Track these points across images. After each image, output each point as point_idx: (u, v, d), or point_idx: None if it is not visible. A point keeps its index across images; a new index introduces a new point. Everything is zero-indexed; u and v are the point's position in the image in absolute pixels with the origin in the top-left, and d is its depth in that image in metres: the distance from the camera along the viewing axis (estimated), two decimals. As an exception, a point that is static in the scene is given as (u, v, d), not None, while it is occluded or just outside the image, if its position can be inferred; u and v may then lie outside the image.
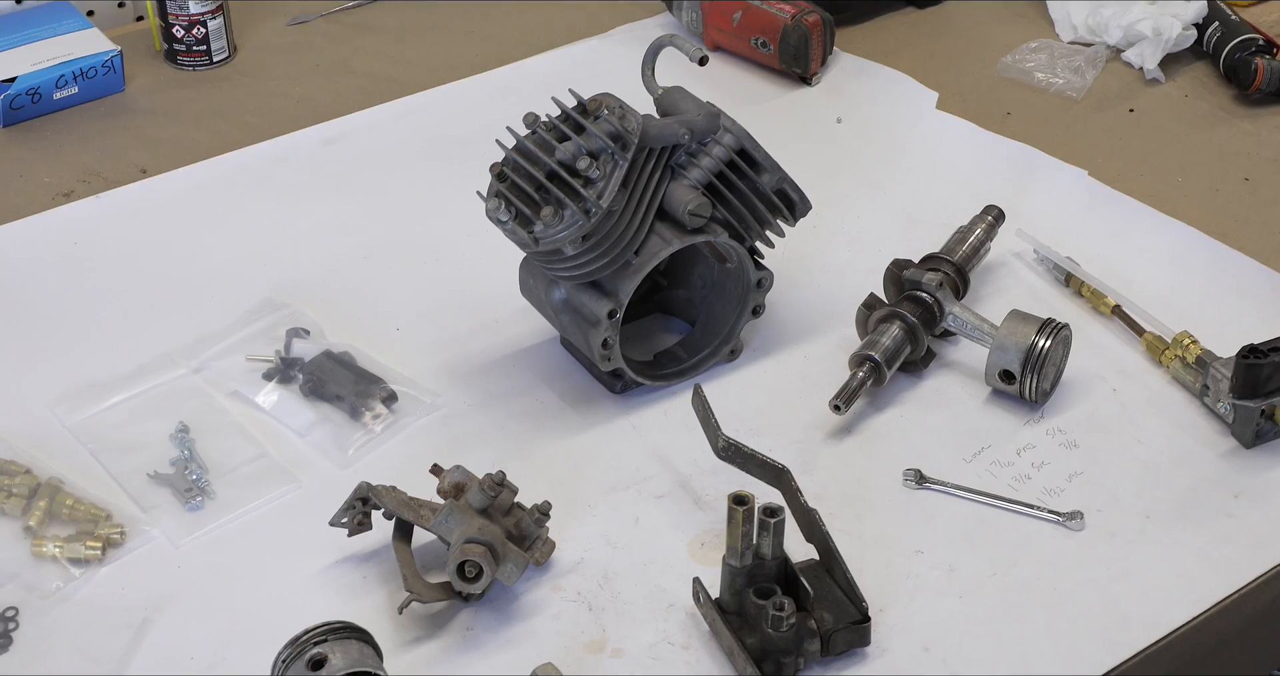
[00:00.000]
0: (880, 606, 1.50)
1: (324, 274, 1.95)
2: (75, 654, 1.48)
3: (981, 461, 1.68)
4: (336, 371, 1.77)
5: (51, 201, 2.06)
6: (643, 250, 1.69)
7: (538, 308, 1.80)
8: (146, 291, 1.92)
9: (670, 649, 1.48)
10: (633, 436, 1.72)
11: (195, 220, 2.04)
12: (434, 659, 1.48)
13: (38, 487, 1.63)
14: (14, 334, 1.86)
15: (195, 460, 1.67)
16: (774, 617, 1.41)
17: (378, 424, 1.73)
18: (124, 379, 1.78)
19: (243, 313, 1.87)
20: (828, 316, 1.87)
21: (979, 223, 1.91)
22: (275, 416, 1.75)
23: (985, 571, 1.55)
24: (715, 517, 1.61)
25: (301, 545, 1.59)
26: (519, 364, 1.82)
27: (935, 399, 1.76)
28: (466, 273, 1.95)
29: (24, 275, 1.95)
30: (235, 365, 1.80)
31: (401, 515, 1.55)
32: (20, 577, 1.55)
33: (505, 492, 1.54)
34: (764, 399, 1.77)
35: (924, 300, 1.78)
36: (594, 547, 1.59)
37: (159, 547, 1.60)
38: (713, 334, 1.82)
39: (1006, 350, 1.72)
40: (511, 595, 1.54)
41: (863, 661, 1.46)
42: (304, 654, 1.39)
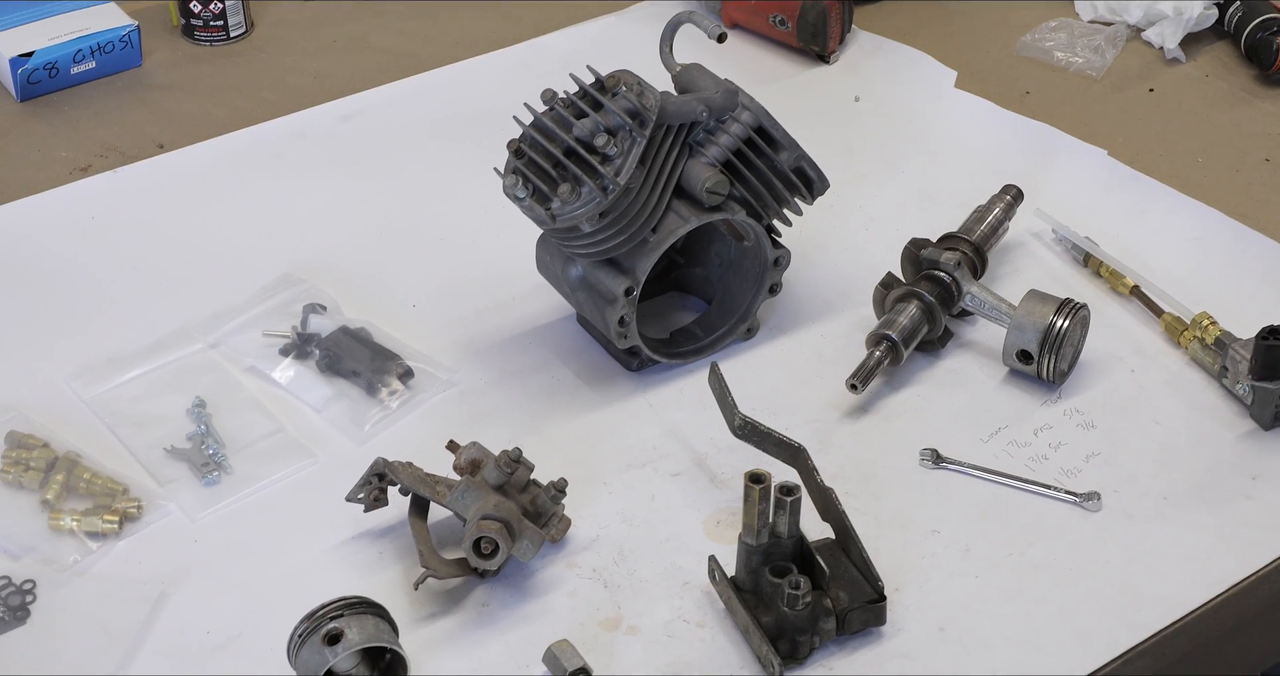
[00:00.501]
0: (896, 586, 1.50)
1: (341, 250, 1.95)
2: (92, 626, 1.49)
3: (998, 441, 1.67)
4: (353, 347, 1.77)
5: (69, 176, 2.06)
6: (660, 228, 1.69)
7: (554, 285, 1.79)
8: (163, 266, 1.93)
9: (685, 627, 1.48)
10: (649, 414, 1.72)
11: (212, 195, 2.04)
12: (449, 634, 1.48)
13: (55, 461, 1.63)
14: (31, 308, 1.87)
15: (212, 435, 1.68)
16: (790, 596, 1.41)
17: (394, 400, 1.73)
18: (141, 353, 1.78)
19: (259, 288, 1.87)
20: (845, 295, 1.87)
21: (997, 202, 1.90)
22: (292, 392, 1.75)
23: (1001, 551, 1.55)
24: (731, 496, 1.61)
25: (318, 520, 1.59)
26: (535, 341, 1.82)
27: (952, 378, 1.76)
28: (483, 249, 1.94)
29: (41, 249, 1.95)
30: (252, 340, 1.80)
31: (418, 491, 1.55)
32: (38, 550, 1.56)
33: (521, 469, 1.54)
34: (780, 377, 1.77)
35: (942, 279, 1.77)
36: (610, 525, 1.59)
37: (176, 521, 1.60)
38: (729, 312, 1.82)
39: (1024, 330, 1.71)
40: (527, 572, 1.54)
41: (878, 640, 1.46)
42: (320, 628, 1.39)
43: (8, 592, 1.51)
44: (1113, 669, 1.44)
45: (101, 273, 1.92)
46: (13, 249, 1.95)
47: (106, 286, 1.90)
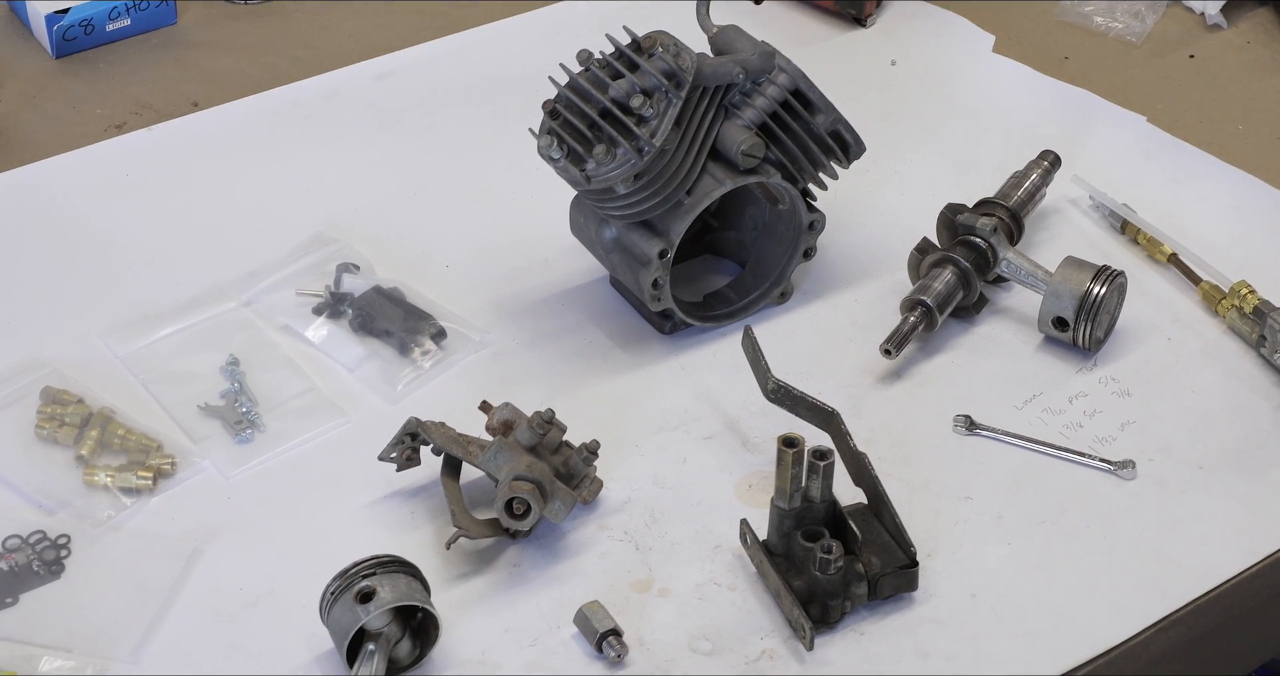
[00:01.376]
0: (928, 551, 1.50)
1: (374, 210, 1.94)
2: (125, 582, 1.49)
3: (1033, 408, 1.67)
4: (386, 307, 1.77)
5: (103, 133, 2.06)
6: (695, 190, 1.68)
7: (588, 246, 1.79)
8: (197, 224, 1.93)
9: (716, 590, 1.48)
10: (681, 377, 1.72)
11: (246, 154, 2.04)
12: (481, 594, 1.48)
13: (90, 417, 1.64)
14: (66, 264, 1.87)
15: (245, 393, 1.68)
16: (821, 560, 1.41)
17: (426, 360, 1.73)
18: (175, 311, 1.79)
19: (293, 247, 1.87)
20: (879, 260, 1.86)
21: (1034, 168, 1.89)
22: (324, 351, 1.75)
23: (1034, 519, 1.54)
24: (763, 459, 1.61)
25: (350, 479, 1.59)
26: (568, 303, 1.81)
27: (987, 345, 1.75)
28: (517, 210, 1.94)
29: (76, 206, 1.95)
30: (285, 299, 1.80)
31: (450, 451, 1.55)
32: (72, 506, 1.56)
33: (554, 431, 1.54)
34: (814, 342, 1.76)
35: (978, 245, 1.76)
36: (641, 487, 1.59)
37: (209, 479, 1.61)
38: (763, 276, 1.81)
39: (1060, 297, 1.70)
40: (558, 533, 1.54)
41: (910, 606, 1.46)
42: (352, 586, 1.40)
43: (42, 547, 1.52)
44: (1146, 637, 1.44)
45: (136, 230, 1.92)
46: (48, 205, 1.96)
47: (141, 244, 1.90)
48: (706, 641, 1.43)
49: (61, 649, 1.43)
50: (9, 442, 1.62)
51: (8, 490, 1.58)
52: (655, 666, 1.41)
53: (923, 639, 1.43)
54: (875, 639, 1.43)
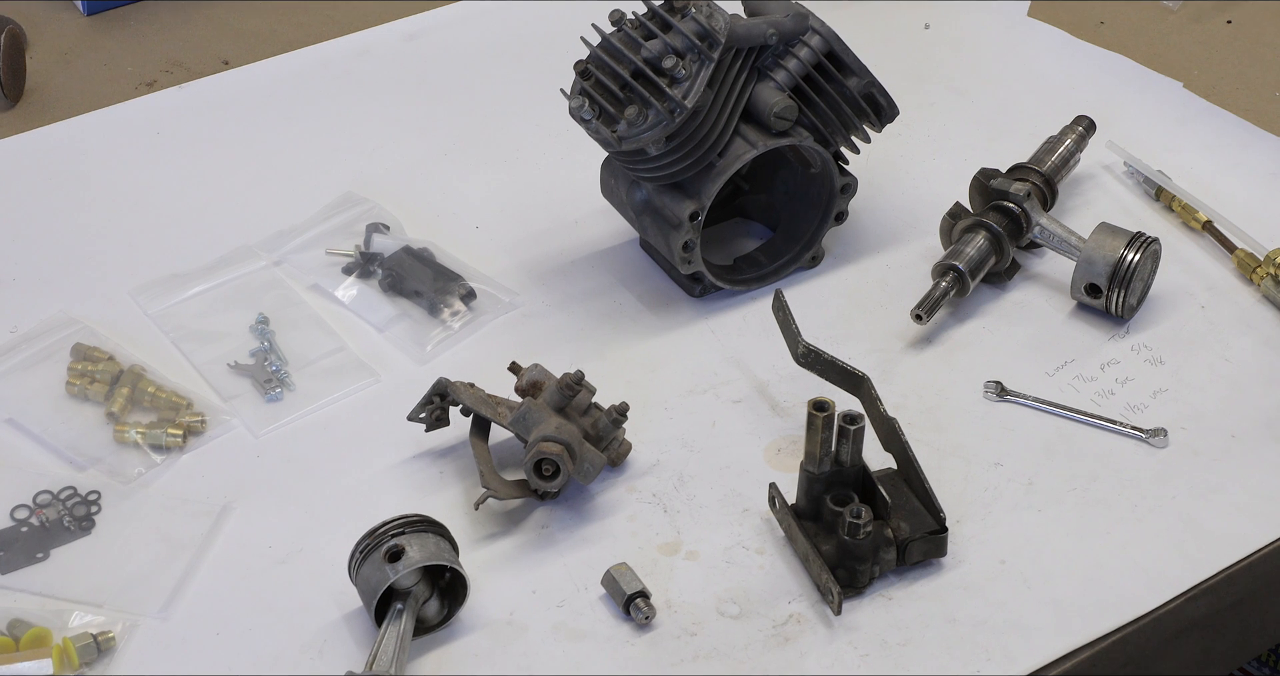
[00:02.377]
0: (957, 517, 1.49)
1: (404, 170, 1.94)
2: (155, 538, 1.50)
3: (1064, 375, 1.66)
4: (416, 267, 1.77)
5: (134, 91, 2.06)
6: (727, 152, 1.67)
7: (618, 208, 1.78)
8: (227, 183, 1.93)
9: (745, 553, 1.48)
10: (711, 340, 1.71)
11: (276, 113, 2.04)
12: (509, 555, 1.48)
13: (120, 374, 1.64)
14: (97, 222, 1.87)
15: (275, 351, 1.68)
16: (851, 525, 1.41)
17: (456, 321, 1.73)
18: (205, 269, 1.79)
19: (323, 206, 1.87)
20: (911, 225, 1.84)
21: (1069, 133, 1.87)
22: (354, 310, 1.75)
23: (1065, 486, 1.54)
24: (793, 424, 1.61)
25: (379, 438, 1.60)
26: (598, 265, 1.81)
27: (1018, 311, 1.74)
28: (547, 172, 1.93)
29: (107, 164, 1.96)
30: (315, 258, 1.80)
31: (479, 411, 1.55)
32: (103, 462, 1.57)
33: (583, 392, 1.54)
34: (844, 306, 1.75)
35: (1011, 210, 1.75)
36: (670, 450, 1.58)
37: (238, 437, 1.61)
38: (794, 239, 1.80)
39: (1094, 263, 1.69)
40: (587, 495, 1.54)
41: (939, 572, 1.45)
42: (381, 545, 1.40)
43: (73, 503, 1.53)
44: (1175, 606, 1.43)
45: (166, 188, 1.92)
46: (79, 162, 1.96)
47: (171, 202, 1.90)
48: (734, 604, 1.43)
49: (91, 604, 1.44)
50: (40, 399, 1.63)
51: (39, 446, 1.59)
52: (683, 629, 1.41)
53: (951, 604, 1.43)
54: (903, 604, 1.43)
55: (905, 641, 1.40)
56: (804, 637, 1.40)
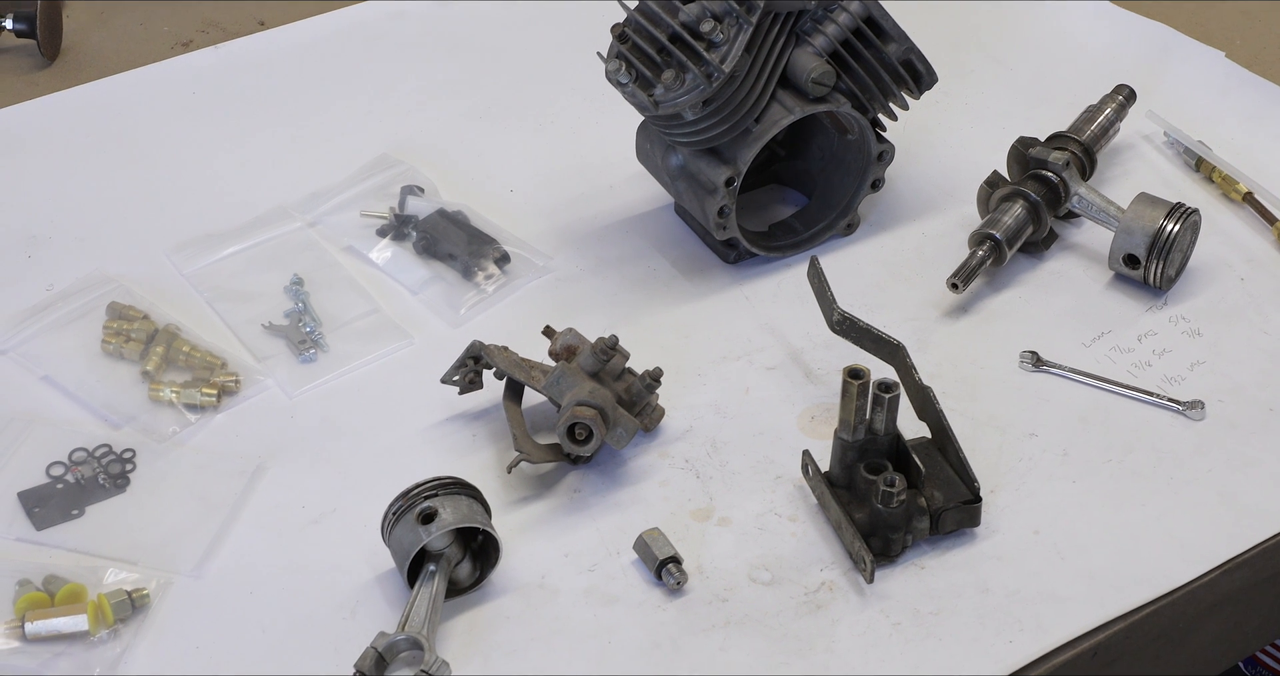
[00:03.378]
0: (991, 487, 1.49)
1: (439, 132, 1.94)
2: (190, 497, 1.51)
3: (1101, 346, 1.65)
4: (450, 230, 1.76)
5: (170, 51, 2.06)
6: (764, 118, 1.66)
7: (653, 173, 1.77)
8: (262, 144, 1.93)
9: (777, 520, 1.48)
10: (745, 307, 1.71)
11: (312, 74, 2.03)
12: (541, 518, 1.49)
13: (155, 333, 1.64)
14: (133, 181, 1.88)
15: (309, 312, 1.68)
16: (884, 493, 1.40)
17: (490, 284, 1.72)
18: (240, 230, 1.79)
19: (357, 168, 1.87)
20: (948, 193, 1.83)
21: (1109, 102, 1.85)
22: (388, 272, 1.75)
23: (1100, 457, 1.53)
24: (826, 391, 1.60)
25: (412, 401, 1.60)
26: (632, 230, 1.80)
27: (1055, 281, 1.73)
28: (582, 136, 1.93)
29: (143, 123, 1.96)
30: (350, 220, 1.80)
31: (513, 375, 1.55)
32: (138, 421, 1.57)
33: (617, 357, 1.53)
34: (879, 274, 1.74)
35: (1049, 179, 1.73)
36: (703, 416, 1.58)
37: (272, 397, 1.61)
38: (829, 207, 1.79)
39: (1133, 234, 1.67)
40: (619, 460, 1.54)
41: (972, 541, 1.45)
42: (415, 507, 1.40)
43: (108, 460, 1.53)
44: (1210, 579, 1.42)
45: (201, 148, 1.92)
46: (115, 122, 1.96)
47: (206, 162, 1.90)
48: (766, 571, 1.43)
49: (126, 561, 1.45)
50: (76, 356, 1.63)
51: (74, 404, 1.60)
52: (714, 595, 1.41)
53: (984, 574, 1.42)
54: (936, 573, 1.42)
55: (937, 610, 1.39)
56: (836, 605, 1.40)
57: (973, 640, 1.37)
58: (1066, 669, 1.37)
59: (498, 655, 1.37)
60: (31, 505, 1.49)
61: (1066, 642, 1.37)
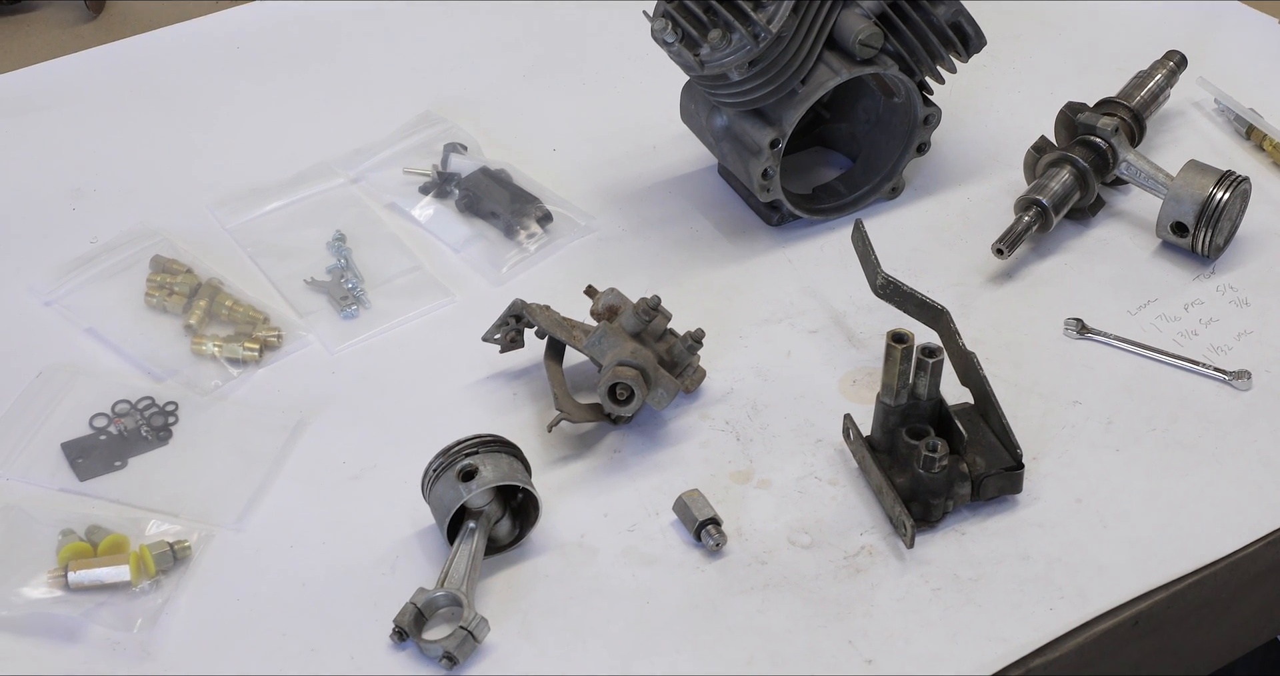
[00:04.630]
0: (1034, 454, 1.48)
1: (482, 90, 1.93)
2: (231, 450, 1.51)
3: (1147, 314, 1.63)
4: (493, 188, 1.76)
5: (214, 5, 2.06)
6: (810, 79, 1.65)
7: (697, 134, 1.76)
8: (305, 99, 1.92)
9: (817, 484, 1.48)
10: (787, 270, 1.70)
11: (356, 30, 2.03)
12: (580, 478, 1.48)
13: (198, 287, 1.65)
14: (177, 136, 1.88)
15: (351, 269, 1.68)
16: (926, 458, 1.40)
17: (532, 243, 1.72)
18: (283, 185, 1.79)
19: (401, 125, 1.86)
20: (994, 158, 1.82)
21: (1159, 68, 1.83)
22: (430, 230, 1.74)
23: (1145, 426, 1.52)
24: (868, 355, 1.59)
25: (453, 358, 1.60)
26: (675, 191, 1.79)
27: (1102, 248, 1.71)
28: (626, 95, 1.92)
29: (186, 78, 1.96)
30: (392, 177, 1.80)
31: (554, 334, 1.55)
32: (180, 374, 1.58)
33: (659, 318, 1.53)
34: (923, 239, 1.73)
35: (1097, 145, 1.72)
36: (744, 378, 1.57)
37: (314, 353, 1.62)
38: (874, 170, 1.78)
39: (1181, 201, 1.65)
40: (660, 420, 1.53)
41: (1013, 508, 1.44)
42: (455, 464, 1.40)
43: (151, 413, 1.54)
44: (1253, 550, 1.41)
45: (245, 103, 1.92)
46: (159, 77, 1.96)
47: (249, 117, 1.90)
48: (806, 534, 1.43)
49: (168, 513, 1.45)
50: (120, 309, 1.64)
51: (117, 356, 1.60)
52: (753, 557, 1.41)
53: (1025, 541, 1.41)
54: (977, 539, 1.42)
55: (977, 576, 1.39)
56: (875, 569, 1.40)
57: (1013, 607, 1.36)
58: (1107, 637, 1.36)
59: (536, 613, 1.37)
60: (75, 456, 1.50)
61: (1107, 611, 1.36)
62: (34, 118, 1.90)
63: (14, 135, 1.88)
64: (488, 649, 1.34)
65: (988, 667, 1.32)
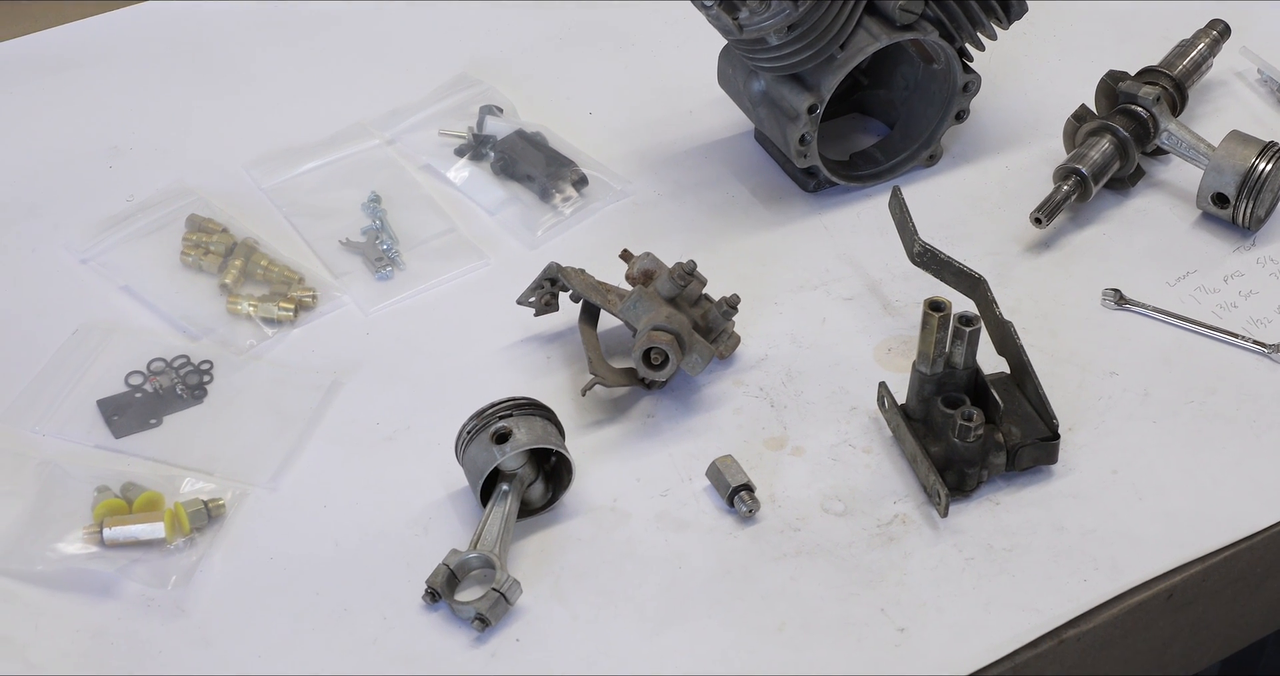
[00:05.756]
0: (1070, 425, 1.47)
1: (519, 53, 1.92)
2: (266, 410, 1.51)
3: (1185, 286, 1.62)
4: (528, 151, 1.75)
5: (252, -37, 2.05)
6: (849, 44, 1.63)
7: (735, 99, 1.75)
8: (342, 59, 1.92)
9: (851, 451, 1.47)
10: (824, 237, 1.69)
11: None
12: (614, 442, 1.48)
13: (234, 247, 1.65)
14: (214, 95, 1.87)
15: (386, 230, 1.68)
16: (961, 427, 1.39)
17: (567, 206, 1.71)
18: (318, 146, 1.79)
19: (437, 87, 1.85)
20: (1033, 126, 1.80)
21: (1202, 37, 1.81)
22: (465, 192, 1.74)
23: (1182, 398, 1.51)
24: (904, 323, 1.59)
25: (487, 321, 1.60)
26: (711, 156, 1.79)
27: (1141, 218, 1.70)
28: (663, 59, 1.90)
29: (224, 37, 1.95)
30: (428, 139, 1.79)
31: (589, 298, 1.54)
32: (215, 333, 1.58)
33: (694, 283, 1.52)
34: (961, 207, 1.72)
35: (1138, 115, 1.70)
36: (779, 345, 1.57)
37: (348, 314, 1.62)
38: (912, 137, 1.77)
39: (1223, 172, 1.64)
40: (694, 386, 1.53)
41: (1048, 479, 1.44)
42: (489, 426, 1.40)
43: (186, 371, 1.54)
44: (1291, 524, 1.41)
45: (282, 63, 1.91)
46: (197, 35, 1.95)
47: (286, 77, 1.90)
48: (839, 502, 1.43)
49: (202, 471, 1.46)
50: (155, 267, 1.64)
51: (153, 314, 1.61)
52: (786, 524, 1.41)
53: (1059, 512, 1.41)
54: (1011, 509, 1.41)
55: (1011, 547, 1.38)
56: (908, 538, 1.39)
57: (1046, 577, 1.36)
58: (1140, 610, 1.36)
59: (568, 576, 1.38)
60: (110, 413, 1.51)
61: (1141, 583, 1.36)
62: (72, 75, 1.90)
63: (52, 93, 1.88)
64: (519, 611, 1.35)
65: (1020, 638, 1.32)
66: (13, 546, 1.39)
